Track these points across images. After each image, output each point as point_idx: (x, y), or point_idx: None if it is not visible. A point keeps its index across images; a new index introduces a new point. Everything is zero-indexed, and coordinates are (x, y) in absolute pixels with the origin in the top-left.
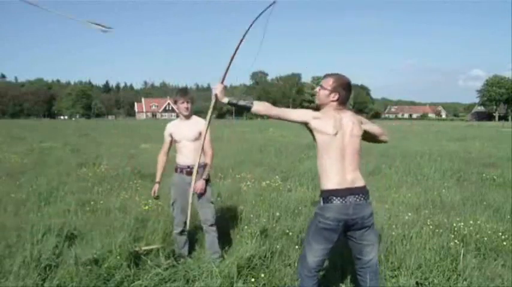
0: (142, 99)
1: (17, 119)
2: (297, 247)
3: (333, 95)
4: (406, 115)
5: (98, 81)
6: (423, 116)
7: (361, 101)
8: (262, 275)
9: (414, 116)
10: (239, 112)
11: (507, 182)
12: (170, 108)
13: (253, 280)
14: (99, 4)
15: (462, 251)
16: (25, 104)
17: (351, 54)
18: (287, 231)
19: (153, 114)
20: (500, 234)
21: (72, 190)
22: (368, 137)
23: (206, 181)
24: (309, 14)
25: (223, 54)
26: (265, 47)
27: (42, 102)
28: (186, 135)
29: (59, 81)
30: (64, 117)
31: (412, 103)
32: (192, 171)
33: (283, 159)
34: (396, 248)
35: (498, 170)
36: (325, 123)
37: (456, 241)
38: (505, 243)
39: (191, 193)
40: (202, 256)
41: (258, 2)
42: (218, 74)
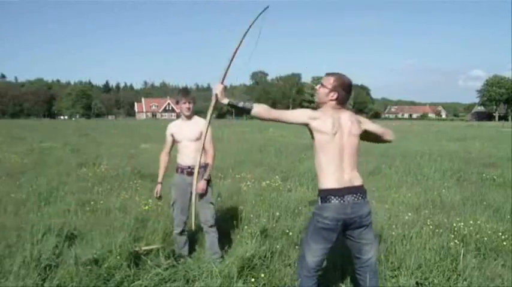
0: (142, 99)
1: (17, 119)
2: (297, 247)
3: (332, 94)
4: (406, 115)
5: (98, 81)
6: (423, 116)
7: (361, 101)
8: (262, 275)
9: (414, 116)
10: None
11: (507, 182)
12: (170, 108)
13: (253, 280)
14: (99, 4)
15: (462, 251)
16: (25, 104)
17: (351, 54)
18: (287, 231)
19: (153, 114)
20: (500, 234)
21: (72, 190)
22: (372, 137)
23: (207, 181)
24: (309, 14)
25: (223, 54)
26: (265, 47)
27: (42, 102)
28: (188, 136)
29: (59, 81)
30: (64, 117)
31: (412, 103)
32: (193, 171)
33: (283, 159)
34: (396, 248)
35: (498, 170)
36: (324, 123)
37: (456, 241)
38: (505, 243)
39: (194, 193)
40: (202, 256)
41: (258, 2)
42: (218, 74)
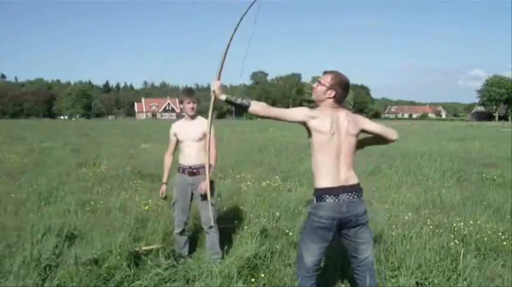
0: (142, 99)
1: (17, 119)
2: (297, 246)
3: (329, 92)
4: (406, 115)
5: (98, 81)
6: (423, 116)
7: (361, 101)
8: (262, 275)
9: (414, 116)
10: (239, 112)
11: (507, 182)
12: (170, 108)
13: (253, 280)
14: (99, 4)
15: (462, 251)
16: (25, 104)
17: (351, 54)
18: (287, 231)
19: (153, 114)
20: (500, 234)
21: (72, 190)
22: (373, 139)
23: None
24: (309, 14)
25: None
26: (265, 47)
27: (42, 102)
28: (191, 136)
29: (59, 81)
30: (64, 117)
31: (412, 103)
32: (193, 171)
33: (283, 159)
34: (396, 248)
35: (498, 170)
36: (322, 123)
37: (456, 241)
38: (505, 243)
39: (208, 192)
40: (202, 256)
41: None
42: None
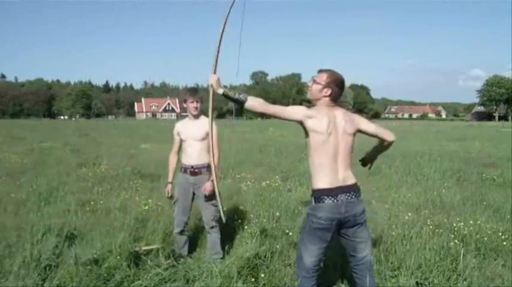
0: (142, 99)
1: (17, 119)
2: (296, 247)
3: (325, 91)
4: (406, 115)
5: (98, 81)
6: (423, 116)
7: (361, 101)
8: (262, 275)
9: (414, 116)
10: (239, 112)
11: (507, 182)
12: (170, 108)
13: (253, 280)
14: (99, 4)
15: (462, 251)
16: (25, 104)
17: (351, 54)
18: (287, 231)
19: (153, 114)
20: (500, 234)
21: (72, 190)
22: (380, 145)
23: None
24: (309, 14)
25: (223, 53)
26: (265, 47)
27: (42, 102)
28: (194, 135)
29: (59, 81)
30: (64, 117)
31: (412, 103)
32: (195, 171)
33: (283, 159)
34: (396, 248)
35: (498, 170)
36: (320, 122)
37: (456, 241)
38: (505, 243)
39: (217, 190)
40: (202, 256)
41: (257, 2)
42: (219, 72)
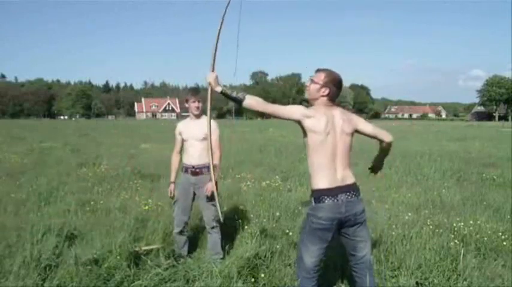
0: (142, 99)
1: (17, 119)
2: (296, 247)
3: (323, 90)
4: (406, 115)
5: (98, 81)
6: (423, 116)
7: (361, 101)
8: (262, 275)
9: (414, 116)
10: (239, 112)
11: (507, 182)
12: (170, 108)
13: (253, 280)
14: (99, 4)
15: (462, 251)
16: (25, 104)
17: (351, 54)
18: (287, 231)
19: (153, 114)
20: (500, 234)
21: (72, 190)
22: (381, 149)
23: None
24: (309, 14)
25: (223, 53)
26: (265, 47)
27: (42, 102)
28: (195, 135)
29: (59, 81)
30: (64, 117)
31: (412, 103)
32: (196, 171)
33: (283, 159)
34: (396, 248)
35: (498, 170)
36: (318, 122)
37: (456, 241)
38: (505, 243)
39: (215, 189)
40: (203, 256)
41: (257, 2)
42: (219, 73)
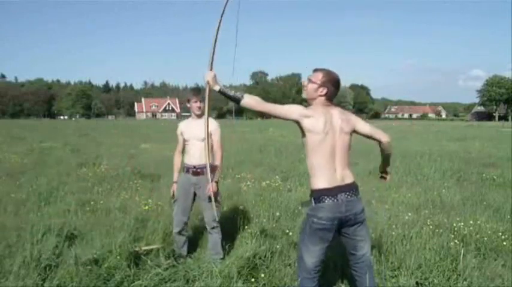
0: (142, 99)
1: (17, 119)
2: (297, 247)
3: (321, 90)
4: (406, 115)
5: (98, 81)
6: (423, 116)
7: (361, 101)
8: (262, 275)
9: (414, 116)
10: (239, 112)
11: (507, 182)
12: (170, 108)
13: (253, 280)
14: (99, 4)
15: (462, 251)
16: (25, 104)
17: (351, 54)
18: (287, 231)
19: (153, 114)
20: (500, 234)
21: (72, 190)
22: (382, 150)
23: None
24: (309, 14)
25: (222, 53)
26: (265, 47)
27: (42, 102)
28: (196, 135)
29: (59, 81)
30: (64, 117)
31: (412, 103)
32: (197, 171)
33: (283, 159)
34: (396, 248)
35: (498, 170)
36: (316, 122)
37: (456, 241)
38: (505, 243)
39: (211, 190)
40: (203, 256)
41: (257, 2)
42: (218, 74)
